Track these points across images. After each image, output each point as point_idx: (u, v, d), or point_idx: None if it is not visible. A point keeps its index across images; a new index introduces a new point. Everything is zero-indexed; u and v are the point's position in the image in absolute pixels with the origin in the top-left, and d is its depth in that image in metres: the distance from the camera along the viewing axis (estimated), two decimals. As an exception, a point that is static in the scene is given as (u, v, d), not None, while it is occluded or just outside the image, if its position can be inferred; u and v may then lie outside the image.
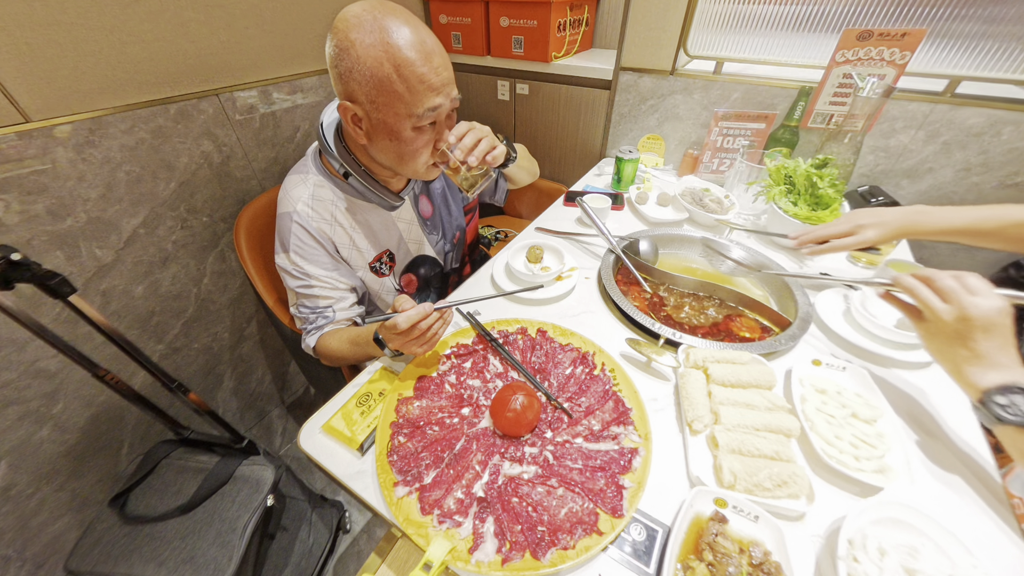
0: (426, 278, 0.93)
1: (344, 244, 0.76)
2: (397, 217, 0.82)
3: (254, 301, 1.25)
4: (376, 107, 0.59)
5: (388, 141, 0.63)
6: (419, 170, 0.67)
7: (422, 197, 0.86)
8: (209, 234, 1.08)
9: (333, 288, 0.75)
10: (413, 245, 0.87)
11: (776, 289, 0.86)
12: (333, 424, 0.61)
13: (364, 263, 0.80)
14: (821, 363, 0.67)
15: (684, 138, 1.38)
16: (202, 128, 0.99)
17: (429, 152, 0.65)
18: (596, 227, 0.94)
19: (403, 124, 0.60)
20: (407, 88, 0.57)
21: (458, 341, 0.73)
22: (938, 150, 1.06)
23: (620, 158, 1.22)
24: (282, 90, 1.11)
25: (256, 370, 1.36)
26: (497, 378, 0.67)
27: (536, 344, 0.72)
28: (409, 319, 0.58)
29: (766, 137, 1.19)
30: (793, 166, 0.94)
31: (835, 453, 0.55)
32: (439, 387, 0.65)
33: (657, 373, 0.69)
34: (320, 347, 0.76)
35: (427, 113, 0.60)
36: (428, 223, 0.88)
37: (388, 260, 0.83)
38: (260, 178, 1.13)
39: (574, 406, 0.63)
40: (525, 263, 0.92)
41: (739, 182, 1.12)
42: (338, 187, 0.73)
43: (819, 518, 0.51)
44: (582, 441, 0.58)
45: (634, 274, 0.87)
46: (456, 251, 0.99)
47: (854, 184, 1.15)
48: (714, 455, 0.56)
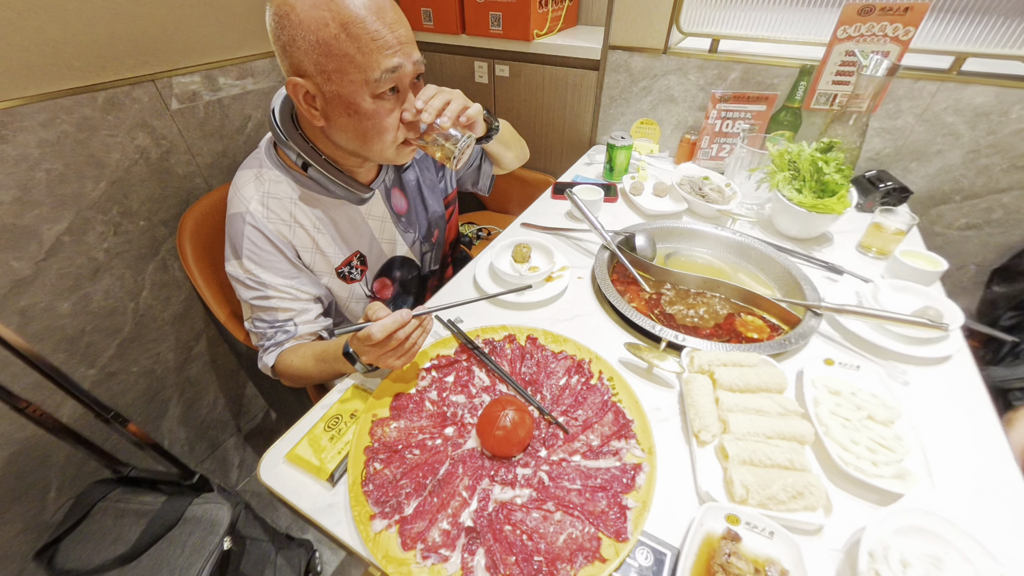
0: (402, 282, 0.92)
1: (306, 247, 0.74)
2: (367, 213, 0.81)
3: (203, 316, 1.22)
4: (327, 78, 0.58)
5: (347, 117, 0.61)
6: (387, 150, 0.66)
7: (395, 190, 0.85)
8: (148, 240, 1.05)
9: (294, 299, 0.73)
10: (386, 245, 0.86)
11: (783, 283, 0.88)
12: (298, 452, 0.59)
13: (330, 268, 0.79)
14: (834, 362, 0.69)
15: (680, 122, 1.41)
16: (136, 119, 0.96)
17: (396, 126, 0.64)
18: (588, 221, 0.95)
19: (360, 93, 0.59)
20: (358, 48, 0.55)
21: (439, 352, 0.72)
22: (945, 131, 1.11)
23: (612, 145, 1.24)
24: (229, 75, 1.09)
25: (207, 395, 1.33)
26: (484, 392, 0.67)
27: (526, 353, 0.72)
28: (385, 328, 0.57)
29: (767, 120, 1.22)
30: (797, 151, 0.97)
31: (852, 459, 0.56)
32: (419, 405, 0.65)
33: (660, 380, 0.70)
34: (280, 366, 0.74)
35: (386, 76, 0.58)
36: (403, 220, 0.87)
37: (359, 263, 0.82)
38: (206, 175, 1.11)
39: (570, 420, 0.63)
40: (511, 263, 0.92)
41: (740, 169, 1.14)
42: (297, 181, 0.71)
43: (838, 530, 0.52)
44: (580, 459, 0.58)
45: (631, 272, 0.89)
46: (435, 251, 0.98)
47: (861, 168, 1.19)
48: (724, 467, 0.57)
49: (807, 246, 1.00)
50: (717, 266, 0.97)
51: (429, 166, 0.93)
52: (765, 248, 0.94)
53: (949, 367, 0.72)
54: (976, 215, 1.17)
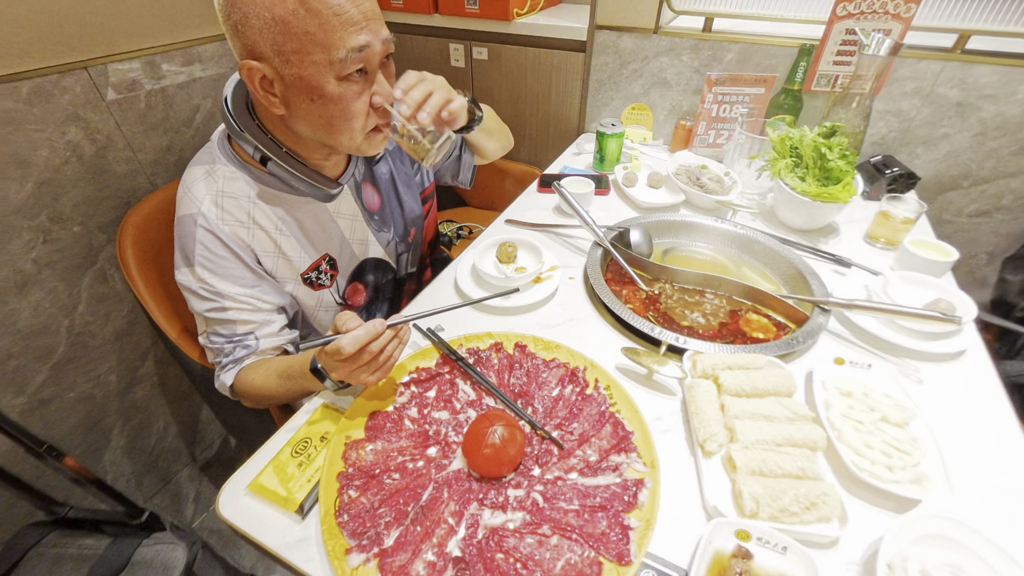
0: (376, 287, 0.92)
1: (267, 252, 0.73)
2: (336, 212, 0.80)
3: (149, 332, 1.19)
4: (286, 60, 0.57)
5: (311, 103, 0.60)
6: (357, 138, 0.65)
7: (366, 185, 0.85)
8: (83, 248, 1.02)
9: (254, 310, 0.72)
10: (358, 246, 0.85)
11: (789, 278, 0.90)
12: (262, 482, 0.58)
13: (295, 274, 0.77)
14: (844, 362, 0.71)
15: (674, 107, 1.43)
16: (67, 111, 0.94)
17: (365, 111, 0.63)
18: (578, 216, 0.96)
19: (324, 76, 0.58)
20: (320, 25, 0.55)
21: (418, 365, 0.72)
22: (951, 113, 1.15)
23: (602, 133, 1.25)
24: (174, 60, 1.07)
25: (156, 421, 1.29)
26: (469, 407, 0.67)
27: (515, 362, 0.72)
28: (357, 340, 0.56)
29: (767, 103, 1.25)
30: (799, 136, 1.00)
31: (867, 465, 0.58)
32: (397, 424, 0.64)
33: (660, 387, 0.71)
34: (240, 385, 0.73)
35: (352, 56, 0.57)
36: (376, 217, 0.87)
37: (328, 268, 0.81)
38: (149, 172, 1.08)
39: (565, 434, 0.63)
40: (495, 264, 0.92)
41: (740, 156, 1.17)
42: (255, 178, 0.70)
43: (854, 542, 0.53)
44: (577, 476, 0.59)
45: (626, 270, 0.90)
46: (412, 251, 0.98)
47: (866, 154, 1.23)
48: (732, 479, 0.58)
49: (812, 238, 1.03)
50: (718, 261, 0.99)
51: (404, 158, 0.93)
52: (768, 241, 0.96)
53: (963, 363, 0.75)
54: (985, 201, 1.22)
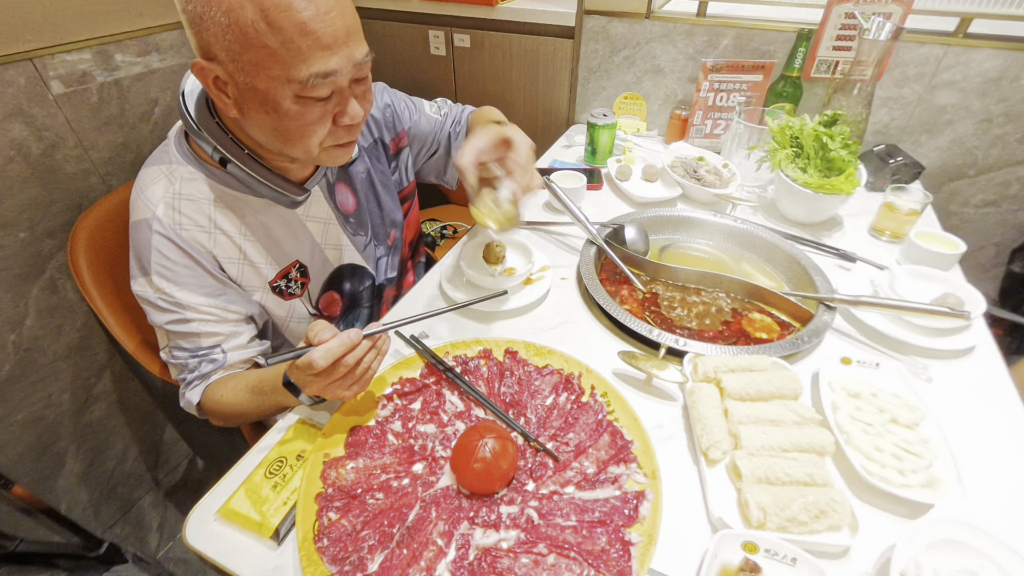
0: (353, 295, 0.91)
1: (231, 258, 0.72)
2: (306, 215, 0.79)
3: (106, 346, 1.17)
4: (241, 68, 0.55)
5: (264, 115, 0.60)
6: (313, 152, 0.65)
7: (340, 186, 0.84)
8: (30, 256, 1.00)
9: (220, 320, 0.71)
10: (332, 252, 0.85)
11: (792, 274, 0.92)
12: (234, 506, 0.57)
13: (262, 283, 0.77)
14: (851, 361, 0.72)
15: (669, 96, 1.44)
16: (9, 106, 0.91)
17: (326, 129, 0.63)
18: (569, 213, 0.96)
19: (281, 92, 0.57)
20: (282, 43, 0.54)
21: (401, 375, 0.72)
22: (955, 100, 1.18)
23: (593, 124, 1.26)
24: (128, 50, 1.05)
25: (114, 443, 1.26)
26: (457, 419, 0.67)
27: (505, 370, 0.72)
28: (330, 353, 0.56)
29: (765, 91, 1.27)
30: (799, 125, 1.01)
31: (877, 469, 0.59)
32: (380, 439, 0.64)
33: (660, 392, 0.72)
34: (208, 403, 0.72)
35: (316, 81, 0.56)
36: (351, 220, 0.86)
37: (299, 275, 0.80)
38: (103, 172, 1.06)
39: (560, 445, 0.63)
40: (482, 265, 0.92)
41: (738, 147, 1.19)
42: (216, 179, 0.69)
43: (865, 551, 0.54)
44: (574, 490, 0.59)
45: (621, 269, 0.90)
46: (392, 255, 0.98)
47: (868, 143, 1.26)
48: (737, 488, 0.59)
49: (815, 231, 1.04)
50: (718, 258, 1.00)
51: (380, 155, 0.92)
52: (770, 236, 0.97)
53: (973, 359, 0.76)
54: (992, 191, 1.26)
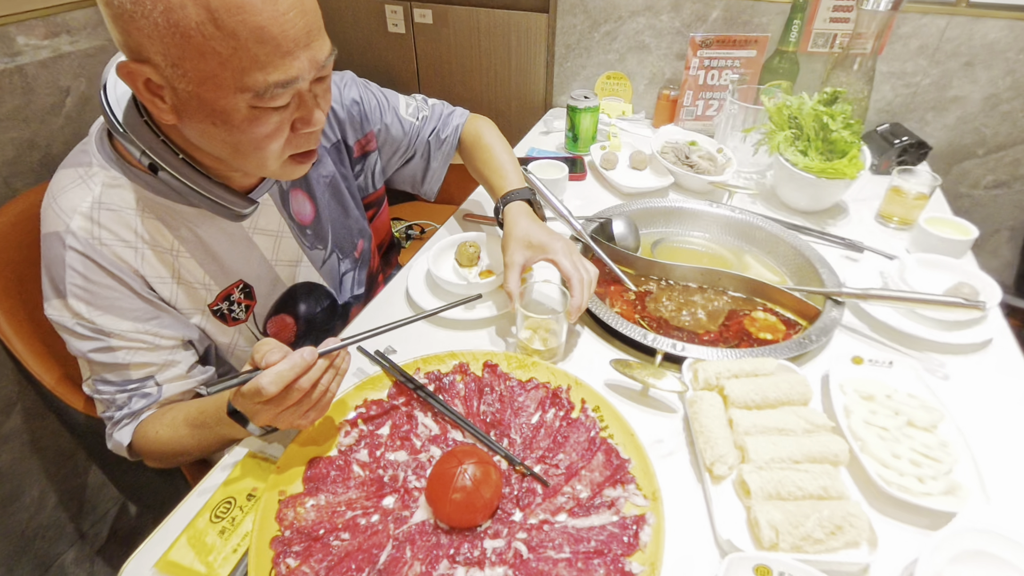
0: (309, 318, 0.89)
1: (162, 278, 0.70)
2: (253, 227, 0.77)
3: (15, 378, 1.12)
4: (183, 75, 0.53)
5: (211, 126, 0.58)
6: (270, 166, 0.64)
7: (296, 193, 0.82)
8: (-80, 274, 0.95)
9: (152, 348, 0.69)
10: (285, 269, 0.83)
11: (796, 267, 0.94)
12: (174, 558, 0.56)
13: (200, 304, 0.75)
14: (863, 360, 0.75)
15: (656, 75, 1.47)
16: None
17: (284, 139, 0.61)
18: (550, 207, 0.97)
19: (232, 103, 0.55)
20: (235, 50, 0.51)
21: (365, 397, 0.71)
22: (961, 73, 1.24)
23: (573, 107, 1.27)
24: (34, 31, 1.02)
25: (27, 490, 1.21)
26: (432, 444, 0.66)
27: (484, 385, 0.72)
28: (280, 377, 0.54)
29: (759, 68, 1.31)
30: (797, 104, 1.04)
31: (894, 477, 0.61)
32: (343, 471, 0.63)
33: (658, 403, 0.72)
34: (140, 442, 0.70)
35: (274, 92, 0.55)
36: (308, 232, 0.85)
37: (243, 297, 0.79)
38: (6, 174, 1.02)
39: (549, 468, 0.63)
40: (455, 268, 0.91)
41: (733, 130, 1.21)
42: (144, 186, 0.67)
43: (886, 567, 0.56)
44: (567, 518, 0.59)
45: (610, 268, 0.91)
46: (360, 269, 0.96)
47: (872, 123, 1.30)
48: (746, 506, 0.60)
49: (819, 220, 1.07)
50: (716, 252, 1.02)
51: (343, 158, 0.90)
52: (771, 226, 1.00)
53: (990, 353, 0.80)
54: (1003, 171, 1.31)
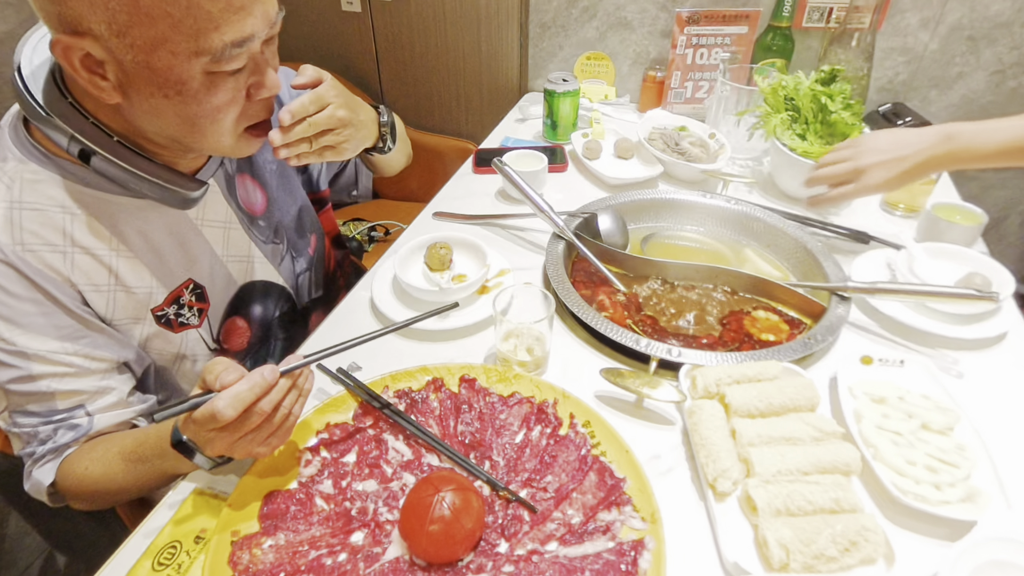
0: (265, 322, 0.89)
1: (97, 285, 0.69)
2: (201, 218, 0.77)
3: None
4: (130, 45, 0.54)
5: (163, 99, 0.59)
6: (226, 140, 0.65)
7: (243, 179, 0.82)
8: None
9: (81, 372, 0.68)
10: (237, 264, 0.83)
11: (798, 262, 0.96)
12: (112, 613, 0.54)
13: (143, 312, 0.73)
14: (872, 360, 0.76)
15: (640, 55, 1.49)
16: None
17: (240, 108, 0.63)
18: (529, 202, 0.97)
19: (188, 69, 0.57)
20: (188, 9, 0.53)
21: (328, 420, 0.70)
22: (964, 48, 1.28)
23: (551, 91, 1.28)
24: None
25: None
26: (404, 471, 0.66)
27: (462, 402, 0.72)
28: (238, 399, 0.54)
29: (751, 45, 1.33)
30: (793, 83, 1.07)
31: (910, 486, 0.62)
32: (305, 506, 0.62)
33: (655, 415, 0.73)
34: (66, 481, 0.69)
35: (230, 52, 0.57)
36: (261, 223, 0.85)
37: (194, 299, 0.78)
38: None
39: (537, 492, 0.63)
40: (425, 272, 0.91)
41: (725, 113, 1.23)
42: (73, 178, 0.66)
43: (905, 584, 0.57)
44: (558, 546, 0.59)
45: (597, 267, 0.92)
46: (316, 270, 0.96)
47: (873, 102, 1.34)
48: (753, 524, 0.60)
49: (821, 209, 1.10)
50: (711, 248, 1.03)
51: None
52: (769, 217, 1.01)
53: (1006, 348, 0.82)
54: (1011, 151, 1.36)
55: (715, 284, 0.92)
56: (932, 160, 0.84)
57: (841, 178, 0.89)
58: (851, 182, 0.87)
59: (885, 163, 0.84)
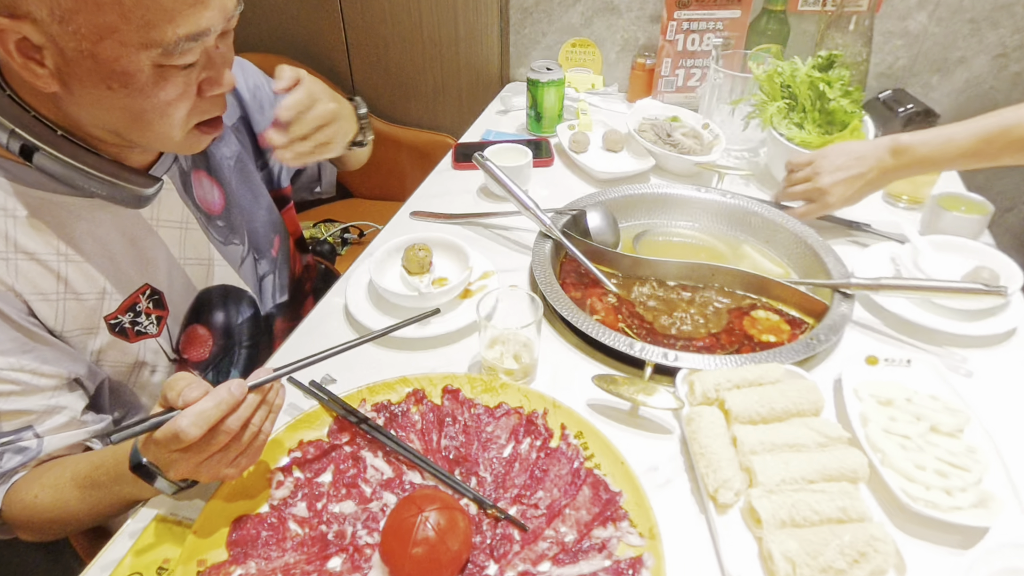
0: (228, 330, 0.89)
1: (44, 294, 0.68)
2: (155, 218, 0.77)
3: None
4: (74, 31, 0.54)
5: (106, 91, 0.59)
6: (174, 136, 0.65)
7: (199, 175, 0.82)
8: None
9: (27, 391, 0.67)
10: (196, 269, 0.82)
11: (799, 258, 0.97)
12: (67, 654, 0.53)
13: (95, 320, 0.73)
14: (878, 360, 0.78)
15: (628, 41, 1.50)
16: None
17: (191, 103, 0.63)
18: (513, 199, 0.97)
19: (134, 61, 0.57)
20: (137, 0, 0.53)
21: (301, 438, 0.70)
22: (966, 31, 1.31)
23: (534, 81, 1.28)
24: None
25: None
26: (384, 490, 0.65)
27: (445, 415, 0.72)
28: (204, 418, 0.53)
29: (745, 30, 1.35)
30: (789, 70, 1.08)
31: (920, 492, 0.63)
32: (277, 531, 0.62)
33: (651, 424, 0.73)
34: (13, 510, 0.68)
35: (184, 46, 0.57)
36: (220, 224, 0.84)
37: (151, 306, 0.77)
38: None
39: (527, 509, 0.63)
40: (403, 276, 0.91)
41: (719, 102, 1.25)
42: (13, 177, 0.65)
43: (917, 596, 0.58)
44: (551, 567, 0.59)
45: (587, 268, 0.92)
46: (280, 273, 0.96)
47: (873, 89, 1.36)
48: (757, 537, 0.61)
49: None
50: (707, 244, 1.04)
51: (246, 139, 0.90)
52: (767, 211, 1.02)
53: (1015, 344, 0.84)
54: (1016, 139, 1.39)
55: (712, 283, 0.93)
56: (887, 172, 0.92)
57: (803, 197, 0.97)
58: (813, 200, 0.96)
59: (843, 181, 0.93)
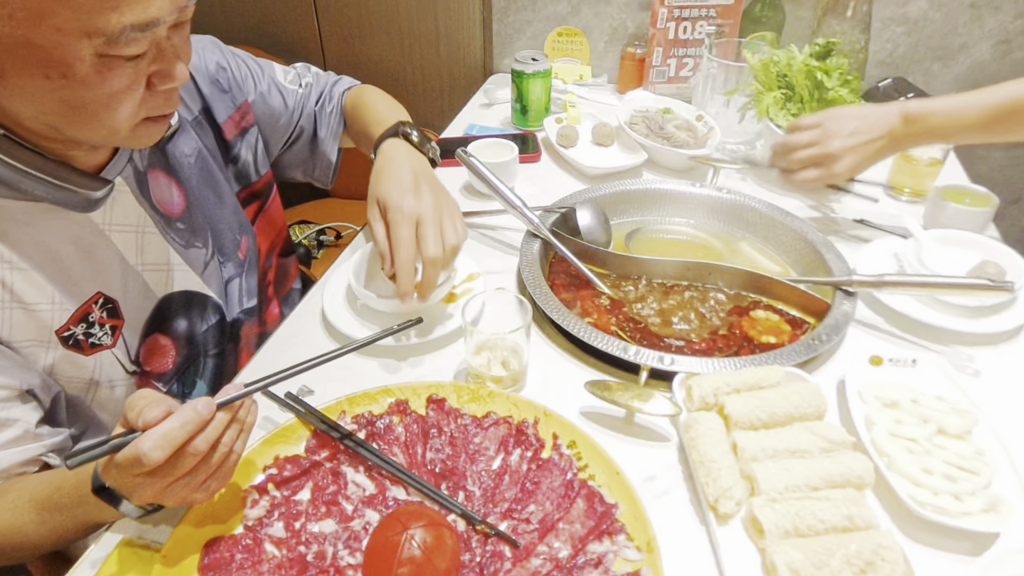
0: (191, 338, 0.88)
1: None
2: (107, 222, 0.76)
3: None
4: (8, 15, 0.53)
5: (44, 80, 0.58)
6: (120, 130, 0.64)
7: (156, 174, 0.81)
8: None
9: None
10: (154, 274, 0.82)
11: (798, 255, 0.98)
12: None
13: (45, 333, 0.72)
14: (882, 360, 0.78)
15: (617, 30, 1.50)
16: None
17: (139, 97, 0.62)
18: (499, 197, 0.97)
19: (74, 49, 0.56)
20: None
21: (277, 454, 0.69)
22: (967, 17, 1.32)
23: (519, 72, 1.29)
24: None
25: None
26: (367, 507, 0.65)
27: (430, 426, 0.72)
28: (168, 439, 0.52)
29: (739, 17, 1.36)
30: (786, 59, 1.09)
31: (928, 497, 0.64)
32: (252, 553, 0.61)
33: (647, 431, 0.73)
34: None
35: (130, 36, 0.56)
36: (180, 226, 0.84)
37: (105, 315, 0.76)
38: None
39: (519, 524, 0.63)
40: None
41: (713, 93, 1.25)
42: None
43: (927, 606, 0.58)
44: (544, 584, 0.59)
45: (578, 268, 0.92)
46: (247, 276, 0.95)
47: (872, 77, 1.37)
48: (760, 548, 0.61)
49: (821, 196, 1.12)
50: (703, 242, 1.05)
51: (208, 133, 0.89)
52: (765, 207, 1.03)
53: (1022, 341, 0.85)
54: (1021, 128, 1.41)
55: (709, 283, 0.93)
56: (898, 141, 0.91)
57: (809, 162, 0.94)
58: (820, 166, 0.93)
59: (856, 147, 0.90)
